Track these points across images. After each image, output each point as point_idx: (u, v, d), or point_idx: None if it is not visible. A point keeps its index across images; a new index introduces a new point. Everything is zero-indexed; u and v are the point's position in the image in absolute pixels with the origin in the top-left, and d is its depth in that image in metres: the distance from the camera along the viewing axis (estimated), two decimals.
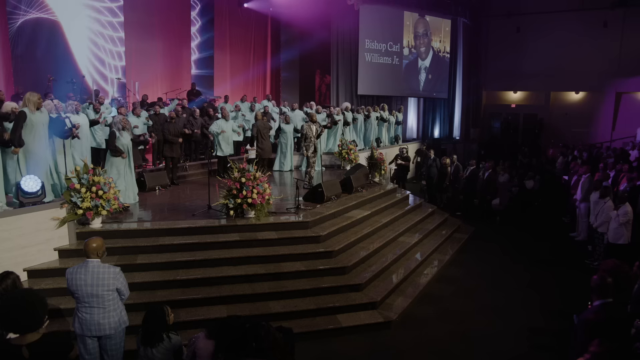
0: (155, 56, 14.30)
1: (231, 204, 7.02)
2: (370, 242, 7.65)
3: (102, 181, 6.39)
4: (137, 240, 6.41)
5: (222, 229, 6.84)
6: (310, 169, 9.95)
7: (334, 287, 6.30)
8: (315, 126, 9.78)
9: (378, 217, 8.74)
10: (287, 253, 6.61)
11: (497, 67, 23.81)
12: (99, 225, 6.52)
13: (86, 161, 6.55)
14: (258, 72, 18.31)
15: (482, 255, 9.04)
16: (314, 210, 7.82)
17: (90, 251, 3.96)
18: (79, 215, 6.19)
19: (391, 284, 6.79)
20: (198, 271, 6.13)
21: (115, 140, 7.37)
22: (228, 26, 16.60)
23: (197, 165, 11.34)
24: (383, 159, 11.12)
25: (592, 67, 21.88)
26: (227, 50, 16.60)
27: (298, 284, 6.24)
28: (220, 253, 6.43)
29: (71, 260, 5.98)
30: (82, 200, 6.17)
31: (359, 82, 18.71)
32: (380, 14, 18.91)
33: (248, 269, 6.29)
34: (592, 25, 21.45)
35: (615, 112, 22.30)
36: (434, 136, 22.17)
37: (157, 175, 9.41)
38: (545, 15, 22.33)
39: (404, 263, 7.67)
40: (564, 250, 9.53)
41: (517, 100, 24.81)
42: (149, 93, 13.19)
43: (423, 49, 20.76)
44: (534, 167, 15.52)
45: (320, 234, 7.04)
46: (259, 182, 7.16)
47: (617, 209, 7.90)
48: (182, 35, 15.10)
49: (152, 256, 6.23)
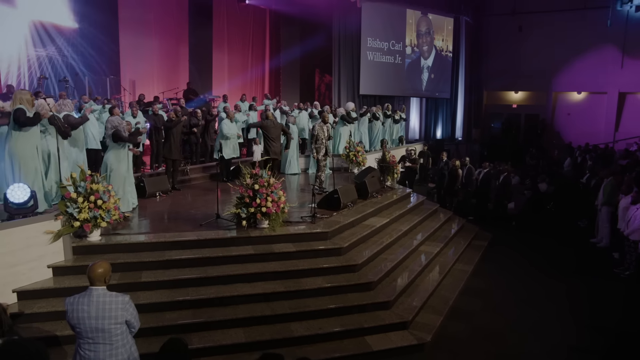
0: (150, 54, 13.62)
1: (243, 214, 6.40)
2: (392, 253, 7.08)
3: (101, 189, 5.73)
4: (141, 255, 5.76)
5: (235, 241, 6.21)
6: (321, 173, 9.35)
7: (361, 306, 5.71)
8: (327, 127, 9.18)
9: (396, 225, 8.19)
10: (307, 268, 6.01)
11: (498, 66, 23.40)
12: (97, 238, 5.86)
13: (82, 167, 5.88)
14: (257, 71, 17.69)
15: (505, 264, 8.52)
16: (331, 218, 7.23)
17: (96, 278, 3.32)
18: (75, 227, 5.53)
19: (420, 300, 6.22)
20: (210, 290, 5.50)
21: (122, 134, 6.75)
22: (226, 24, 15.96)
23: (198, 169, 10.68)
24: (395, 161, 10.57)
25: (595, 66, 21.56)
26: (225, 48, 15.97)
27: (321, 302, 5.64)
28: (233, 268, 5.81)
29: (67, 279, 5.33)
30: (79, 211, 5.51)
31: (361, 82, 18.17)
32: (383, 11, 18.39)
33: (265, 286, 5.68)
34: (596, 24, 21.13)
35: (618, 113, 22.00)
36: (436, 137, 21.71)
37: (157, 180, 8.76)
38: (547, 14, 21.97)
39: (428, 275, 7.11)
40: (588, 258, 9.04)
41: (519, 101, 24.43)
42: (145, 92, 12.50)
43: (426, 48, 20.28)
44: (542, 169, 15.08)
45: (342, 246, 6.45)
46: (274, 188, 6.55)
47: None
48: (178, 33, 14.42)
49: (157, 273, 5.59)
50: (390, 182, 10.54)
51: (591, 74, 21.66)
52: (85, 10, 11.87)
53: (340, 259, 6.33)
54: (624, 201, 8.47)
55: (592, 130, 21.98)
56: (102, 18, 12.20)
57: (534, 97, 23.91)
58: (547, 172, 14.57)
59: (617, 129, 22.01)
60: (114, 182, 6.77)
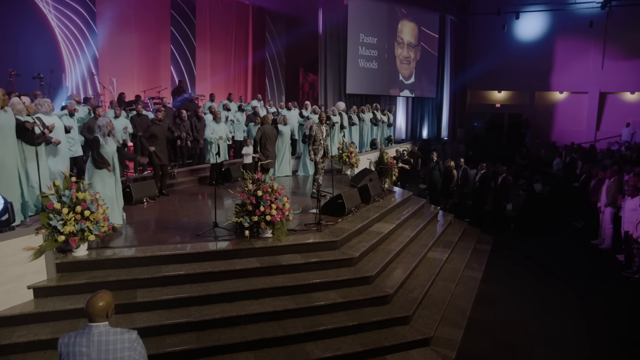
0: (130, 51, 12.85)
1: (246, 223, 5.85)
2: (402, 262, 6.66)
3: (89, 198, 5.10)
4: (134, 271, 5.15)
5: (237, 253, 5.66)
6: (319, 176, 8.86)
7: (379, 322, 5.25)
8: (325, 127, 8.70)
9: (401, 230, 7.80)
10: (318, 281, 5.51)
11: (482, 65, 23.36)
12: (84, 252, 5.23)
13: (66, 173, 5.23)
14: (240, 69, 17.02)
15: (512, 269, 8.21)
16: (337, 226, 6.76)
17: (97, 313, 2.74)
18: (59, 242, 4.89)
19: (438, 313, 5.81)
20: (214, 309, 4.95)
21: (99, 148, 6.02)
22: (209, 20, 15.25)
23: (185, 172, 10.03)
24: (393, 163, 10.16)
25: (577, 66, 21.76)
26: (207, 45, 15.26)
27: (336, 319, 5.16)
28: (238, 284, 5.26)
29: (50, 301, 4.70)
30: (63, 223, 4.87)
31: (348, 81, 17.74)
32: (369, 8, 18.01)
33: (275, 303, 5.16)
34: (578, 25, 21.30)
35: (599, 112, 22.26)
36: (422, 137, 21.48)
37: (144, 185, 8.11)
38: (531, 14, 22.06)
39: (440, 284, 6.72)
40: (594, 262, 8.83)
41: (502, 100, 24.48)
42: (125, 91, 11.75)
43: (412, 47, 20.02)
44: (534, 169, 14.97)
45: (353, 256, 5.98)
46: (278, 194, 6.03)
47: None
48: (160, 29, 13.67)
49: (154, 291, 5.00)
50: (388, 184, 10.14)
51: (573, 74, 21.85)
52: (61, 4, 11.06)
53: (352, 270, 5.87)
54: (631, 203, 8.26)
55: (574, 129, 22.17)
56: (78, 12, 11.38)
57: (517, 96, 24.00)
58: (539, 172, 14.46)
59: (599, 128, 22.28)
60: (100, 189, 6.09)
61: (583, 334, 5.95)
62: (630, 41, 20.51)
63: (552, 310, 6.64)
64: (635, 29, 20.28)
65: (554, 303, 6.89)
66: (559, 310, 6.66)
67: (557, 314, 6.52)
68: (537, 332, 5.99)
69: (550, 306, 6.76)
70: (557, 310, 6.65)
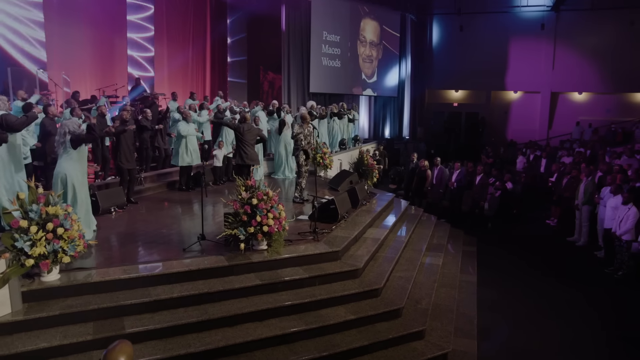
0: (81, 46, 11.72)
1: (242, 235, 5.25)
2: (403, 270, 6.31)
3: (61, 213, 4.33)
4: (118, 296, 4.43)
5: (234, 269, 5.06)
6: (302, 180, 8.36)
7: (395, 339, 4.84)
8: (309, 128, 8.21)
9: (393, 235, 7.49)
10: (326, 297, 5.02)
11: (440, 65, 23.68)
12: (55, 277, 4.43)
13: (31, 183, 4.42)
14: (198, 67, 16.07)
15: (502, 271, 8.08)
16: (334, 234, 6.29)
17: None
18: (27, 267, 4.10)
19: (449, 323, 5.49)
20: (215, 335, 4.33)
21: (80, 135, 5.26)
22: (165, 14, 14.24)
23: (152, 177, 9.20)
24: (374, 164, 9.83)
25: (530, 67, 22.49)
26: (164, 41, 14.25)
27: (350, 338, 4.69)
28: (239, 305, 4.67)
29: (17, 339, 3.91)
30: (32, 244, 4.09)
31: (311, 79, 17.30)
32: (333, 6, 17.67)
33: (282, 324, 4.62)
34: (530, 26, 22.00)
35: (551, 111, 23.15)
36: (384, 136, 21.42)
37: (111, 193, 7.25)
38: (487, 15, 22.55)
39: (443, 291, 6.42)
40: (575, 259, 8.90)
41: (459, 99, 24.93)
42: (77, 89, 10.68)
43: (375, 46, 19.89)
44: (501, 168, 15.17)
45: (357, 267, 5.54)
46: (273, 202, 5.48)
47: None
48: (114, 23, 12.56)
49: (144, 319, 4.31)
50: (368, 186, 9.80)
51: (526, 74, 22.55)
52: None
53: (357, 282, 5.43)
54: (613, 201, 8.37)
55: (528, 128, 22.92)
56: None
57: (474, 95, 24.51)
58: (506, 170, 14.66)
59: (551, 126, 23.16)
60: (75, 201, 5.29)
61: (591, 336, 5.88)
62: (578, 44, 21.45)
63: (552, 312, 6.56)
64: (583, 33, 21.22)
65: (551, 305, 6.82)
66: (559, 312, 6.58)
67: (559, 316, 6.44)
68: (546, 336, 5.85)
69: (549, 308, 6.69)
70: (557, 312, 6.58)
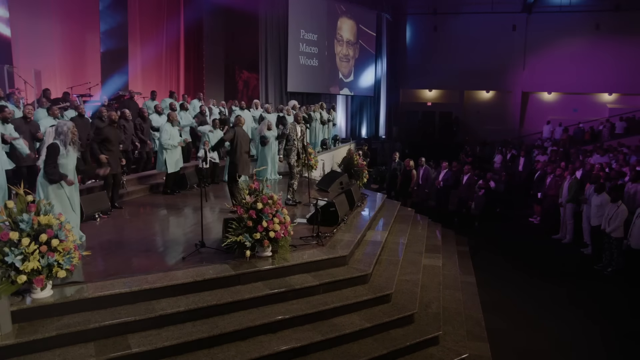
0: (51, 41, 11.04)
1: (248, 242, 4.95)
2: (407, 272, 6.15)
3: (55, 223, 3.93)
4: (120, 312, 4.06)
5: (241, 278, 4.76)
6: (294, 181, 8.11)
7: (412, 345, 4.67)
8: (301, 128, 7.97)
9: (392, 237, 7.36)
10: (339, 305, 4.80)
11: (415, 65, 23.88)
12: (48, 294, 4.02)
13: (20, 190, 3.99)
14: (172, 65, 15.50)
15: (497, 271, 8.14)
16: (337, 237, 6.08)
17: None
18: (19, 284, 3.68)
19: (461, 327, 5.38)
20: (229, 351, 4.04)
21: (57, 159, 4.76)
22: (138, 10, 13.63)
23: (134, 181, 8.72)
24: (364, 165, 9.67)
25: (502, 67, 22.97)
26: (137, 38, 13.63)
27: (368, 347, 4.49)
28: (250, 317, 4.38)
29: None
30: (23, 258, 3.68)
31: (289, 79, 17.04)
32: (310, 5, 17.47)
33: (296, 335, 4.36)
34: (502, 28, 22.47)
35: (522, 111, 23.71)
36: (361, 136, 21.38)
37: (94, 198, 6.78)
38: (460, 15, 22.87)
39: (448, 294, 6.30)
40: (567, 257, 9.05)
41: (433, 99, 25.21)
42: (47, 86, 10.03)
43: (352, 45, 19.80)
44: (481, 167, 15.37)
45: (367, 272, 5.35)
46: (278, 206, 5.21)
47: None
48: (86, 19, 11.90)
49: (150, 336, 3.96)
50: (360, 187, 9.63)
51: (498, 74, 23.02)
52: None
53: (367, 287, 5.23)
54: (597, 198, 8.51)
55: (500, 127, 23.40)
56: None
57: (447, 95, 24.84)
58: (486, 169, 14.86)
59: (522, 125, 23.73)
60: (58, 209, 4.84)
61: (598, 334, 5.94)
62: (548, 44, 22.06)
63: (553, 311, 6.61)
64: (552, 34, 21.84)
65: (551, 303, 6.89)
66: (560, 311, 6.65)
67: (560, 315, 6.49)
68: (552, 336, 5.86)
69: (549, 307, 6.74)
70: (557, 311, 6.64)
